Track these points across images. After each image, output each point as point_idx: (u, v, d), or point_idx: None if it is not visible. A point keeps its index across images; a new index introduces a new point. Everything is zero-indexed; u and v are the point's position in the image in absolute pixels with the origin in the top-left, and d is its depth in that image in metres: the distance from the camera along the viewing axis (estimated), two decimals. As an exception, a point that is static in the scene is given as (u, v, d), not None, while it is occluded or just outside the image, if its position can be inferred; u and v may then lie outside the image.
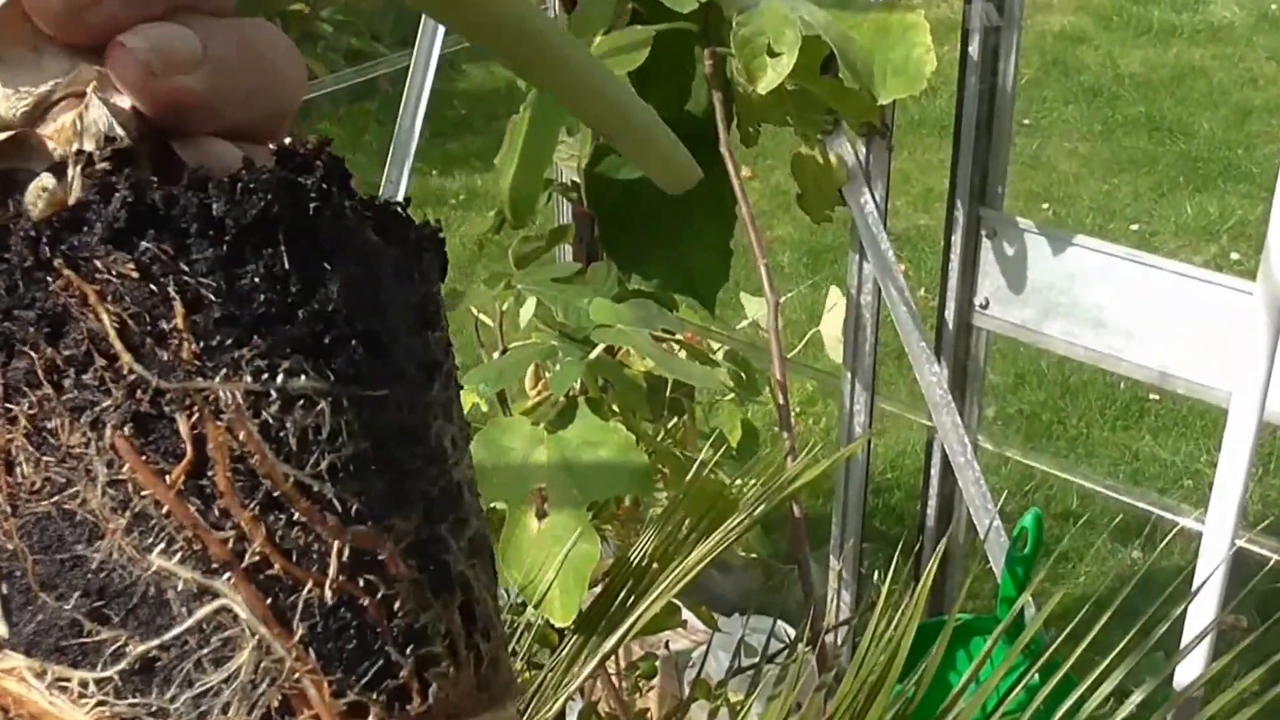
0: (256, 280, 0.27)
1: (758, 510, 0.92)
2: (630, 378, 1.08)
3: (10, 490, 0.27)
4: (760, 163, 3.32)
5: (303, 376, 0.27)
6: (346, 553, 0.27)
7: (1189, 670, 1.07)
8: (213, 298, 0.26)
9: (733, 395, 1.34)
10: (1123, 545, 2.42)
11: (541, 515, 0.86)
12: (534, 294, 1.04)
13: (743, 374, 1.23)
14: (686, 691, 1.24)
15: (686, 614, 1.30)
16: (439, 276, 0.31)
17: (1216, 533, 1.07)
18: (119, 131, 0.28)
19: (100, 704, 0.27)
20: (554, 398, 0.96)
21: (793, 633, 1.41)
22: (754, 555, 1.65)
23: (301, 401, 0.27)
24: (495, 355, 1.08)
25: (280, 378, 0.27)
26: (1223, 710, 0.92)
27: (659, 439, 1.15)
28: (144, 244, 0.26)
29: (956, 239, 1.48)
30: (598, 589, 0.92)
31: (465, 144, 4.08)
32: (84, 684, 0.27)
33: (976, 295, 1.50)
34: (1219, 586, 1.07)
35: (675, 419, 1.25)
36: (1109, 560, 2.40)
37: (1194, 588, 1.08)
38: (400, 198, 1.48)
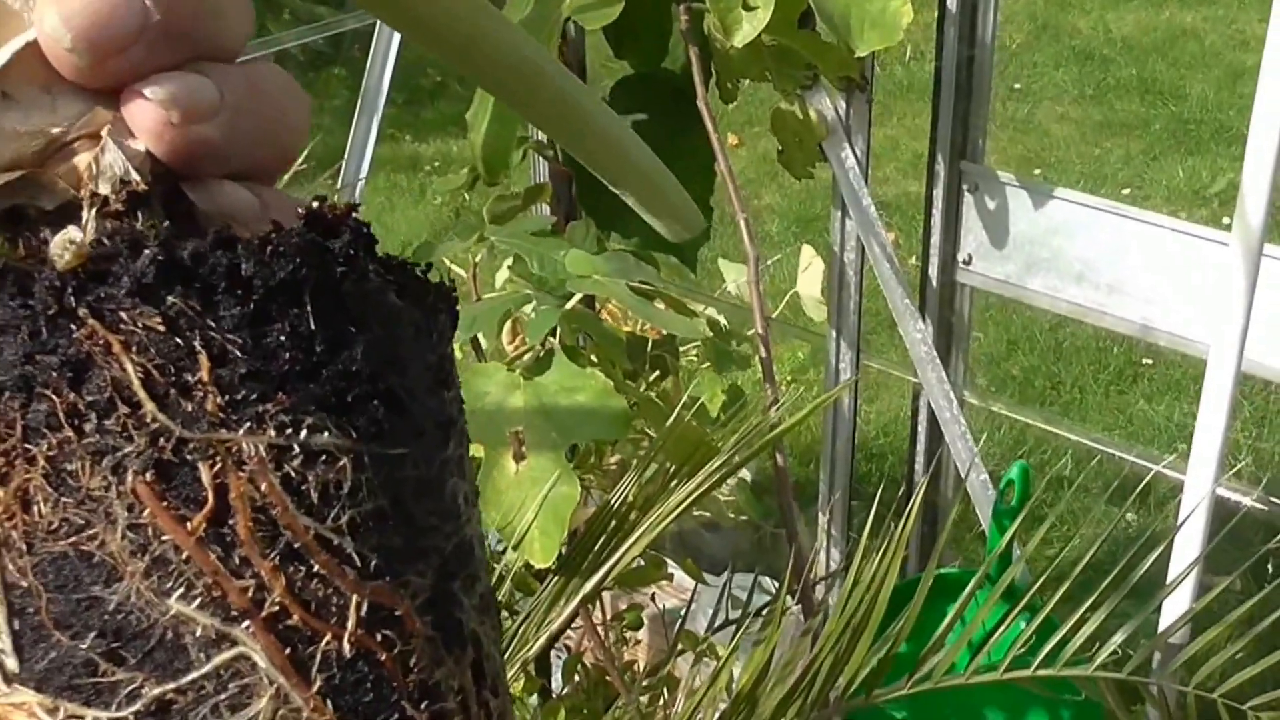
0: (282, 339, 0.27)
1: (739, 455, 0.92)
2: (609, 329, 1.08)
3: (26, 528, 0.27)
4: (747, 130, 3.31)
5: (325, 433, 0.28)
6: (365, 607, 0.28)
7: (1174, 614, 1.08)
8: (238, 353, 0.27)
9: (710, 364, 1.33)
10: (1117, 508, 2.42)
11: (519, 458, 0.86)
12: (509, 247, 1.03)
13: (723, 324, 1.23)
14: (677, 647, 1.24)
15: (673, 568, 1.30)
16: (452, 335, 0.32)
17: (1197, 479, 1.07)
18: (134, 176, 0.28)
19: None
20: (531, 348, 0.96)
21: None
22: (744, 517, 1.65)
23: (324, 457, 0.28)
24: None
25: (304, 433, 0.27)
26: (1204, 648, 0.92)
27: (640, 391, 1.15)
28: (170, 299, 0.27)
29: (938, 194, 1.47)
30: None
31: (440, 110, 4.08)
32: None
33: (960, 251, 1.50)
34: (1201, 530, 1.07)
35: (657, 372, 1.24)
36: (1103, 523, 2.41)
37: (1178, 535, 1.09)
38: (368, 157, 1.46)
